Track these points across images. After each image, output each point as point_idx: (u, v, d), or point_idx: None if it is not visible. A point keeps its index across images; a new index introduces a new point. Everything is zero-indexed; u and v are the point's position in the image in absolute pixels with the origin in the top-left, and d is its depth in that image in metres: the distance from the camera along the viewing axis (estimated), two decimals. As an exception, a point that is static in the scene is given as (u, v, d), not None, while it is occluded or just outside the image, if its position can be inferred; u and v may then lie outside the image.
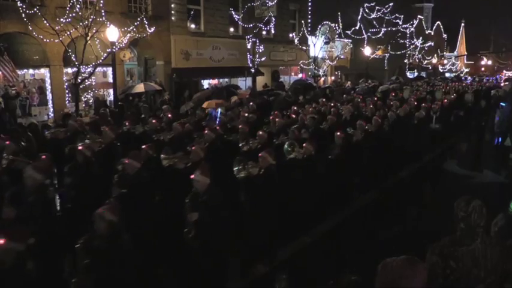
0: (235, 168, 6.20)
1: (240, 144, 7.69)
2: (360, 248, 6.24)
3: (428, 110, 12.72)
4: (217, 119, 13.27)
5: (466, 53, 68.38)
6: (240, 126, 8.52)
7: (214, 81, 24.96)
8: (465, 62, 69.89)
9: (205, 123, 10.57)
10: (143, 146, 6.68)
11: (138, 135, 8.87)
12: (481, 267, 3.03)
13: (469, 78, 48.91)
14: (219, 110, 14.79)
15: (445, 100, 15.43)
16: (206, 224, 4.86)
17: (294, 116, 11.11)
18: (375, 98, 16.61)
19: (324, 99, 15.13)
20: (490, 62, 69.56)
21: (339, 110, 12.47)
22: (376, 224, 7.38)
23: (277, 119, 9.78)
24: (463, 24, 66.89)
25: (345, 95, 19.22)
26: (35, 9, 14.87)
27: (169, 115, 10.33)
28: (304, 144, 6.88)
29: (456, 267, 3.00)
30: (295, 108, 12.50)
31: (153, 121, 9.32)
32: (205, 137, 7.65)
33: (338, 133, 8.01)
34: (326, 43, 30.79)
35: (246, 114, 10.81)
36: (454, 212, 3.17)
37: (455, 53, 64.66)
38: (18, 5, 14.58)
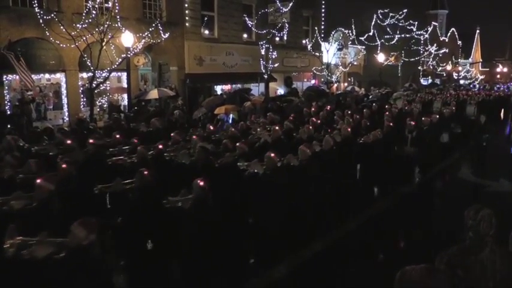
0: None
1: None
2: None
3: (394, 129, 10.03)
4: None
5: (481, 60, 67.62)
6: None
7: (227, 87, 25.07)
8: (480, 69, 69.10)
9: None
10: None
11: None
12: (489, 277, 2.99)
13: (477, 85, 46.43)
14: (231, 115, 14.86)
15: (433, 115, 12.30)
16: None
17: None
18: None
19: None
20: (505, 69, 68.66)
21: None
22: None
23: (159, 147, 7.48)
24: (478, 31, 66.25)
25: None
26: (52, 15, 15.13)
27: (118, 135, 8.77)
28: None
29: (464, 276, 2.97)
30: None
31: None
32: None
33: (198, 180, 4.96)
34: (339, 49, 30.73)
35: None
36: (464, 221, 3.14)
37: (470, 60, 63.99)
38: (36, 10, 14.86)
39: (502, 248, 3.14)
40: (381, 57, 33.74)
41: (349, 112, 12.57)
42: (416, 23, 40.43)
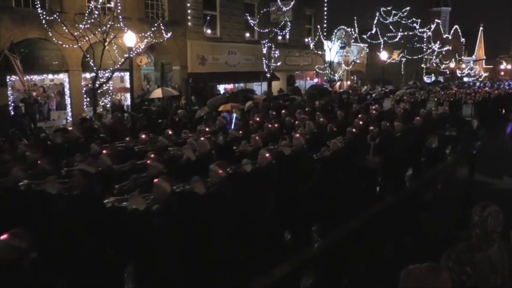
0: None
1: None
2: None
3: (358, 137, 8.35)
4: (232, 123, 13.35)
5: (484, 57, 67.38)
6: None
7: (230, 86, 25.08)
8: (484, 66, 68.84)
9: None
10: None
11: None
12: (498, 273, 2.97)
13: (478, 83, 45.38)
14: (234, 114, 14.86)
15: (418, 118, 10.39)
16: None
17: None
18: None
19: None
20: (509, 66, 68.33)
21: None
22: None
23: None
24: (481, 28, 66.04)
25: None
26: (55, 16, 15.18)
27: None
28: None
29: (473, 273, 2.95)
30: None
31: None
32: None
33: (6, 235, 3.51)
34: (342, 48, 30.72)
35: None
36: (470, 218, 3.12)
37: (473, 57, 63.79)
38: (39, 11, 14.90)
39: (509, 244, 3.12)
40: (383, 55, 33.69)
41: (319, 114, 10.91)
42: (419, 20, 40.42)
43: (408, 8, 38.06)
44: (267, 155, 5.87)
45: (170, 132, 8.38)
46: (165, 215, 4.33)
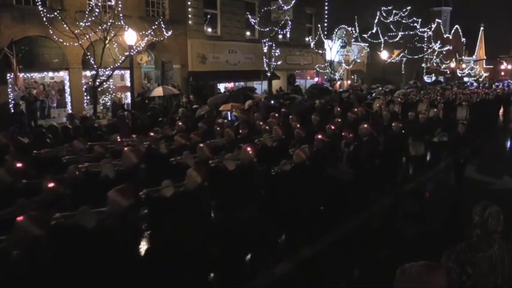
0: None
1: None
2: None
3: (328, 146, 7.20)
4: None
5: (485, 57, 67.30)
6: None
7: (230, 85, 25.09)
8: (484, 66, 68.76)
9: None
10: None
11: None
12: (498, 273, 2.98)
13: (475, 83, 44.25)
14: (234, 113, 14.85)
15: (396, 122, 9.27)
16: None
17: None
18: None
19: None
20: (510, 67, 68.23)
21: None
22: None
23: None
24: (482, 28, 65.93)
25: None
26: (55, 13, 15.18)
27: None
28: None
29: (473, 273, 2.96)
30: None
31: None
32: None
33: None
34: (342, 47, 30.70)
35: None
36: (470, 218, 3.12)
37: (474, 57, 63.72)
38: (39, 9, 14.90)
39: (509, 244, 3.12)
40: (384, 55, 33.66)
41: (292, 117, 9.71)
42: (420, 20, 40.33)
43: (409, 7, 38.02)
44: (196, 174, 4.69)
45: (118, 139, 7.20)
46: (26, 264, 3.23)
